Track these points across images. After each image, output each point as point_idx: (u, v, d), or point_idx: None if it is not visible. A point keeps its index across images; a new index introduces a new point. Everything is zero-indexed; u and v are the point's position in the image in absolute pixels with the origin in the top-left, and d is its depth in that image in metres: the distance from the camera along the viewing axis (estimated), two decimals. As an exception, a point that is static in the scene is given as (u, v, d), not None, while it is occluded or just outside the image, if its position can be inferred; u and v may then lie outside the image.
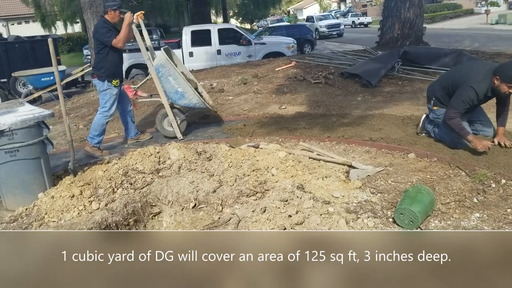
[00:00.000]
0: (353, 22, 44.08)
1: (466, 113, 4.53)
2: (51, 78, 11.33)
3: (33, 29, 32.47)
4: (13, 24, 41.68)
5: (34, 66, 12.59)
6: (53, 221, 3.77)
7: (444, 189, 3.68)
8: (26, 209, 3.97)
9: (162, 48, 6.20)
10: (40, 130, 4.23)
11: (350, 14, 48.39)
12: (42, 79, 11.58)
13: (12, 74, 12.15)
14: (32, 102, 10.58)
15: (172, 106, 6.14)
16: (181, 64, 6.83)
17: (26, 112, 4.35)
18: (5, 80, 13.06)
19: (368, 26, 41.69)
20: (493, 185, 3.71)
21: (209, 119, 7.36)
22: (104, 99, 5.84)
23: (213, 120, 7.31)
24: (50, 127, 5.90)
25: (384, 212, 3.45)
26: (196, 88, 6.45)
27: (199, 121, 7.27)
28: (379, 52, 11.83)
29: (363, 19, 44.30)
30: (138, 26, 6.03)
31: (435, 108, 4.85)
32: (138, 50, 15.46)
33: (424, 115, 5.23)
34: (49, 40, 4.40)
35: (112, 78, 5.69)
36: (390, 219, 3.32)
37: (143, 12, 6.05)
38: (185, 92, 5.98)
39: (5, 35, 32.33)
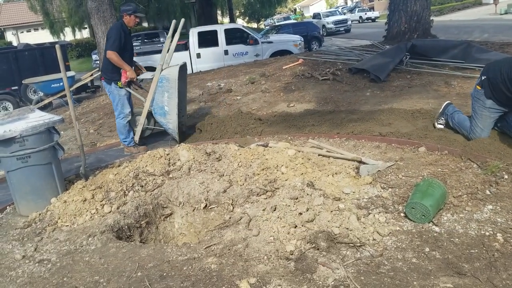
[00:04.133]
0: (360, 17, 43.92)
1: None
2: (61, 84, 11.46)
3: (42, 36, 32.89)
4: (22, 32, 42.20)
5: (44, 73, 12.73)
6: (66, 225, 3.81)
7: (456, 182, 3.64)
8: (39, 214, 4.01)
9: (179, 65, 6.24)
10: (51, 136, 4.27)
11: (357, 9, 48.20)
12: (52, 85, 11.70)
13: (23, 82, 12.29)
14: (43, 108, 10.72)
15: (149, 113, 6.35)
16: (185, 83, 6.91)
17: (36, 118, 4.39)
18: (16, 87, 13.22)
19: (376, 20, 41.51)
20: (506, 177, 3.66)
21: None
22: (114, 102, 5.98)
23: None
24: (61, 132, 5.98)
25: (396, 207, 3.43)
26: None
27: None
28: (387, 46, 11.77)
29: (370, 14, 44.11)
30: (175, 31, 6.16)
31: (478, 88, 4.67)
32: (145, 53, 15.52)
33: (446, 102, 5.21)
34: (57, 46, 4.44)
35: (118, 80, 5.78)
36: (402, 214, 3.30)
37: None
38: (169, 113, 6.08)
39: (15, 43, 32.71)
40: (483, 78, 4.64)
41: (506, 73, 4.35)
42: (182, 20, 6.12)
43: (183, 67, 6.39)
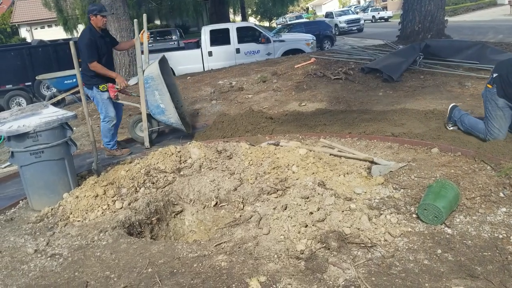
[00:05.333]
0: (373, 16, 43.60)
1: None
2: (74, 80, 11.51)
3: (56, 33, 33.15)
4: (36, 28, 42.57)
5: (57, 69, 12.81)
6: (78, 221, 3.84)
7: (469, 183, 3.60)
8: (52, 209, 4.05)
9: (157, 60, 6.15)
10: (64, 132, 4.31)
11: (370, 8, 47.89)
12: (65, 82, 11.77)
13: (36, 78, 12.39)
14: (56, 104, 10.78)
15: (148, 116, 6.22)
16: (170, 75, 6.85)
17: (50, 114, 4.43)
18: (29, 83, 13.34)
19: (389, 20, 41.18)
20: (520, 179, 3.62)
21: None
22: (98, 106, 5.90)
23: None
24: (74, 128, 6.01)
25: (408, 208, 3.40)
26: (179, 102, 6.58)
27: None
28: (400, 46, 11.67)
29: (383, 14, 43.77)
30: (141, 28, 6.05)
31: (489, 86, 4.61)
32: (157, 51, 15.58)
33: (452, 105, 5.16)
34: (71, 43, 4.47)
35: (99, 84, 5.70)
36: (414, 215, 3.27)
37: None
38: (166, 109, 6.02)
39: (29, 40, 33.02)
40: (494, 75, 4.57)
41: None
42: (145, 15, 5.86)
43: (162, 61, 6.35)
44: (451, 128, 5.17)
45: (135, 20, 5.95)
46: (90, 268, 3.05)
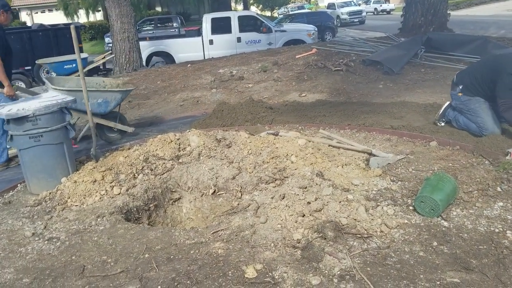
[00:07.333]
0: (375, 9, 43.38)
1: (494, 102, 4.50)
2: (74, 65, 11.49)
3: (56, 18, 32.96)
4: (36, 12, 42.33)
5: (57, 53, 12.78)
6: (76, 205, 3.84)
7: (467, 177, 3.61)
8: (50, 193, 4.05)
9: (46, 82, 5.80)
10: (63, 116, 4.30)
11: (372, 0, 47.55)
12: (65, 66, 11.74)
13: (36, 62, 12.35)
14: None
15: (97, 118, 5.89)
16: (68, 79, 6.58)
17: (49, 98, 4.42)
18: (29, 67, 13.30)
19: (391, 13, 40.99)
20: (518, 174, 3.63)
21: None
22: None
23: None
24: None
25: (405, 200, 3.41)
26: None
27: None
28: (402, 39, 11.64)
29: (385, 6, 43.54)
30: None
31: (460, 94, 4.82)
32: (158, 38, 15.57)
33: (447, 103, 5.15)
34: (72, 27, 4.45)
35: None
36: (411, 207, 3.28)
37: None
38: (78, 98, 5.22)
39: (29, 24, 32.83)
40: (460, 87, 4.87)
41: (481, 77, 4.65)
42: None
43: (49, 79, 6.11)
44: (442, 124, 5.17)
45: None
46: (87, 252, 3.07)
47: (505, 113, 4.35)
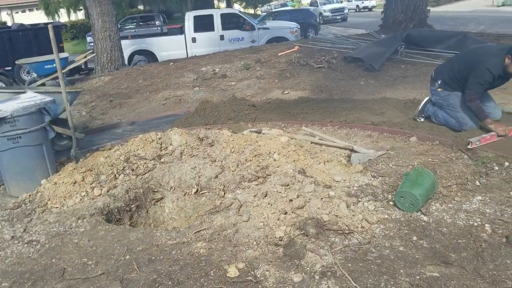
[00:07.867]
0: (357, 6, 43.54)
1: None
2: (54, 65, 11.31)
3: (37, 17, 32.41)
4: (17, 12, 41.58)
5: (38, 53, 12.55)
6: (56, 207, 3.80)
7: (446, 172, 3.66)
8: (29, 195, 3.99)
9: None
10: (42, 117, 4.24)
11: (354, -2, 47.76)
12: (46, 66, 11.55)
13: (16, 62, 12.14)
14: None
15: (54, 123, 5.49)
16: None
17: (27, 99, 4.35)
18: (9, 68, 13.06)
19: (372, 10, 41.20)
20: (496, 168, 3.69)
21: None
22: None
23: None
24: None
25: (385, 196, 3.45)
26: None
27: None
28: (382, 35, 11.73)
29: (367, 3, 43.71)
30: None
31: (439, 89, 4.88)
32: (140, 36, 15.42)
33: (426, 98, 5.20)
34: (50, 26, 4.39)
35: None
36: (391, 202, 3.32)
37: None
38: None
39: (9, 23, 32.26)
40: (439, 82, 4.92)
41: (458, 72, 4.69)
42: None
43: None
44: (422, 120, 5.22)
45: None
46: (68, 254, 3.03)
47: (470, 103, 4.49)
